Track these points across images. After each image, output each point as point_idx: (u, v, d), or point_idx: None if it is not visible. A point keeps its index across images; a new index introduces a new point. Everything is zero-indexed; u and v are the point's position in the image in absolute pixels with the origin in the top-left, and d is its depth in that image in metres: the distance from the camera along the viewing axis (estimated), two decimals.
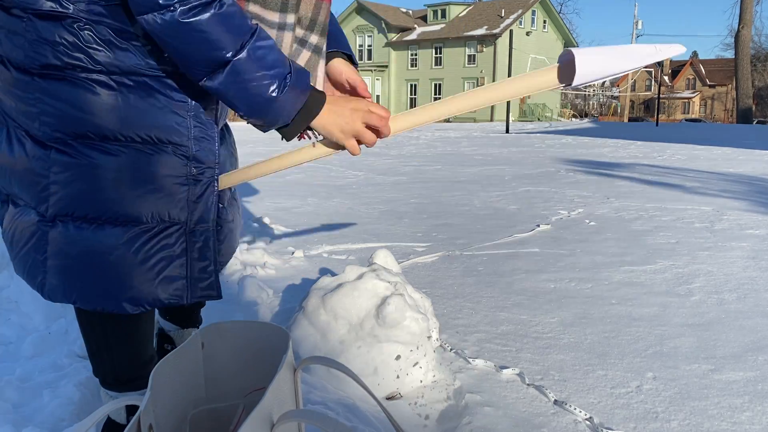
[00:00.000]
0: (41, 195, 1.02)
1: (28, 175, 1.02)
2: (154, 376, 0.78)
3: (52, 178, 1.01)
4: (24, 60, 0.97)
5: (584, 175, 6.58)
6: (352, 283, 1.62)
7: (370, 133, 1.08)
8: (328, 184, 5.69)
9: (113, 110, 0.99)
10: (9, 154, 1.03)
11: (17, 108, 1.01)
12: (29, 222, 1.05)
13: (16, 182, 1.04)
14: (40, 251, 1.04)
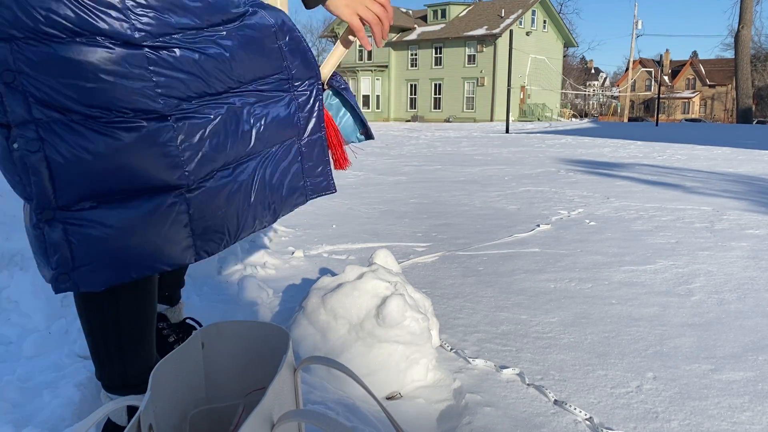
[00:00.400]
0: (176, 165, 1.03)
1: (155, 155, 1.01)
2: (154, 376, 0.78)
3: (184, 146, 1.04)
4: (132, 34, 0.98)
5: (584, 175, 6.58)
6: (352, 283, 1.62)
7: (371, 13, 1.21)
8: None
9: (227, 64, 1.07)
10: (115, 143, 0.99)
11: (122, 86, 0.98)
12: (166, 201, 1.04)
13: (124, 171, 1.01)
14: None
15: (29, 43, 0.95)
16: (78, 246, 1.00)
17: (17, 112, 0.95)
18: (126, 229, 1.02)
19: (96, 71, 0.97)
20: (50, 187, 0.97)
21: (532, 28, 36.73)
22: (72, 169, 0.97)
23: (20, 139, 0.96)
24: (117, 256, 1.02)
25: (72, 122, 0.97)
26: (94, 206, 1.00)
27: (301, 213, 4.09)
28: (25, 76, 0.94)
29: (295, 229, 3.53)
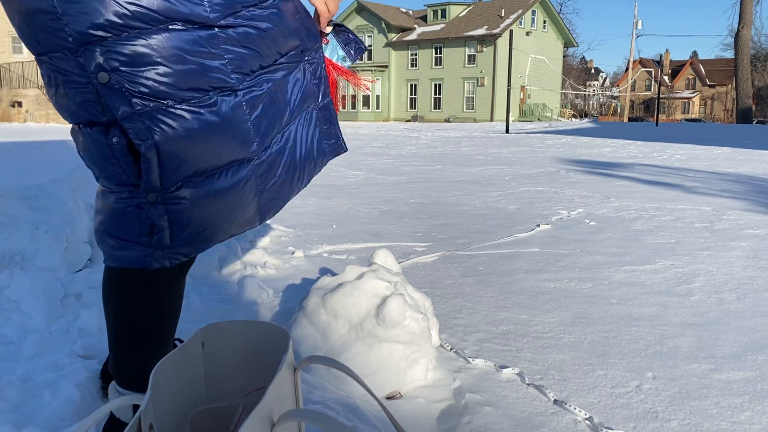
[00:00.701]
0: (249, 137, 1.11)
1: (235, 129, 1.09)
2: (154, 376, 0.78)
3: (253, 118, 1.11)
4: (205, 14, 1.04)
5: (584, 175, 6.58)
6: (352, 283, 1.62)
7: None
8: (328, 184, 5.69)
9: (274, 38, 1.14)
10: (216, 117, 1.07)
11: (206, 66, 1.04)
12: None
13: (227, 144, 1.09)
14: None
15: (119, 40, 0.98)
16: (176, 224, 1.07)
17: (120, 108, 1.00)
18: (214, 204, 1.10)
19: (182, 55, 1.02)
20: (157, 172, 1.04)
21: (532, 28, 36.72)
22: (177, 152, 1.04)
23: (131, 131, 1.01)
24: (205, 228, 1.10)
25: (169, 108, 1.03)
26: (189, 185, 1.07)
27: (301, 213, 4.09)
28: (119, 73, 0.99)
29: (295, 229, 3.53)
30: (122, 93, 0.99)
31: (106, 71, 0.98)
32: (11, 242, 2.22)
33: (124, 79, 0.99)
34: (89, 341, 1.62)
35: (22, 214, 2.35)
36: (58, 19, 0.96)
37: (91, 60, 0.98)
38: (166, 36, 1.01)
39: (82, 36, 0.97)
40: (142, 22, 0.99)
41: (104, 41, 0.97)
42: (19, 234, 2.25)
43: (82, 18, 0.96)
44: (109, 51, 0.98)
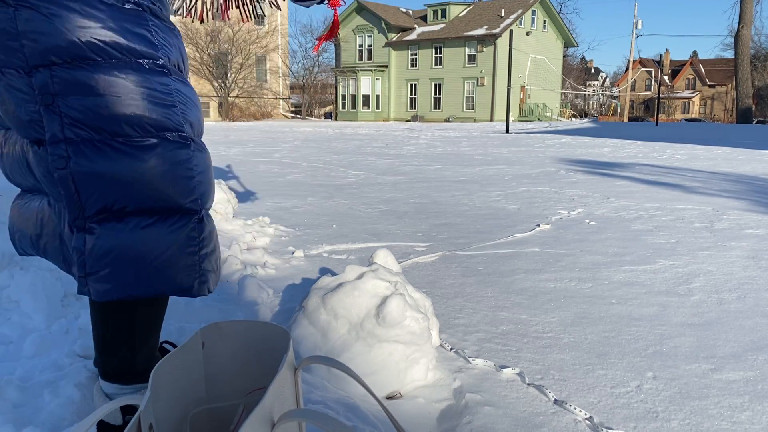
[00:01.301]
0: (193, 193, 1.11)
1: (178, 181, 1.09)
2: (154, 376, 0.78)
3: (197, 171, 1.12)
4: None
5: (584, 175, 6.58)
6: (352, 283, 1.62)
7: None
8: (328, 184, 5.69)
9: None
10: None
11: (155, 107, 1.07)
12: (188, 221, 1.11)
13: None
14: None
15: (68, 68, 1.01)
16: (89, 257, 1.05)
17: (50, 132, 1.02)
18: (137, 246, 1.05)
19: (130, 91, 1.03)
20: (77, 199, 1.04)
21: (532, 28, 36.72)
22: (95, 185, 1.03)
23: (50, 157, 1.03)
24: (121, 270, 1.05)
25: (99, 142, 1.03)
26: (113, 220, 1.05)
27: (301, 213, 4.09)
28: (61, 98, 1.01)
29: (295, 229, 3.53)
30: (60, 118, 1.01)
31: (50, 94, 1.01)
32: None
33: (65, 105, 1.01)
34: (89, 341, 1.62)
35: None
36: (16, 39, 0.99)
37: (40, 81, 1.01)
38: (115, 71, 1.03)
39: (35, 58, 1.00)
40: (95, 54, 1.02)
41: (54, 66, 1.00)
42: None
43: (39, 41, 0.99)
44: (56, 76, 1.00)
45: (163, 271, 1.07)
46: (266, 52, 35.35)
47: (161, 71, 1.07)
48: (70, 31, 1.00)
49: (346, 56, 39.92)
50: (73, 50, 1.00)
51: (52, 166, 1.03)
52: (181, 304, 1.94)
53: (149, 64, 1.06)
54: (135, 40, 1.05)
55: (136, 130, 1.04)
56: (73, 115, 1.01)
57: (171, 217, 1.07)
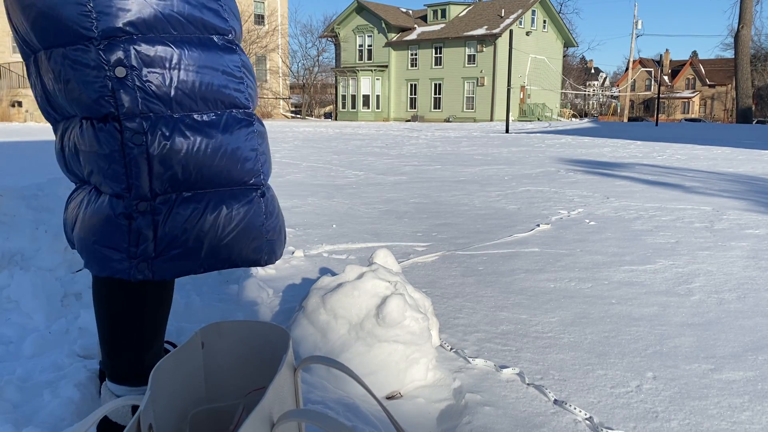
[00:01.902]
0: (258, 168, 1.12)
1: (244, 157, 1.10)
2: (154, 376, 0.78)
3: (261, 149, 1.14)
4: None
5: (584, 175, 6.58)
6: (352, 283, 1.62)
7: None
8: (328, 184, 5.69)
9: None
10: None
11: (226, 84, 1.08)
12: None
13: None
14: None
15: (143, 40, 0.99)
16: (161, 238, 1.03)
17: (125, 105, 0.99)
18: (206, 224, 1.05)
19: (204, 66, 1.03)
20: (147, 180, 1.02)
21: (532, 28, 36.71)
22: (168, 162, 1.02)
23: (127, 132, 1.00)
24: (192, 247, 1.05)
25: (172, 118, 1.02)
26: (182, 199, 1.04)
27: (301, 213, 4.09)
28: (137, 72, 0.99)
29: (295, 229, 3.53)
30: (133, 90, 0.99)
31: (124, 66, 0.98)
32: (11, 242, 2.22)
33: (138, 79, 0.99)
34: (89, 341, 1.62)
35: (22, 214, 2.35)
36: (88, 11, 0.97)
37: (112, 54, 0.98)
38: (191, 45, 1.02)
39: (109, 30, 0.97)
40: (172, 27, 1.01)
41: (130, 37, 0.98)
42: (19, 234, 2.25)
43: (114, 13, 0.97)
44: (133, 48, 0.98)
45: (234, 246, 1.08)
46: (266, 52, 35.36)
47: (231, 47, 1.07)
48: (150, 4, 0.99)
49: (346, 56, 39.91)
50: (153, 23, 0.99)
51: (129, 142, 1.00)
52: (181, 305, 1.94)
53: (221, 39, 1.06)
54: (209, 14, 1.04)
55: (209, 106, 1.04)
56: (148, 89, 0.99)
57: (239, 193, 1.08)
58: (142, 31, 0.99)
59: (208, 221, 1.05)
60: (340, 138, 14.80)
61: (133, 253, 1.04)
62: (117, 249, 1.05)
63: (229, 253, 1.08)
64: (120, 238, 1.04)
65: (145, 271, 1.05)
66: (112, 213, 1.04)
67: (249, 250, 1.10)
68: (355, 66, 38.86)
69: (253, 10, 35.25)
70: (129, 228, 1.04)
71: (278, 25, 36.67)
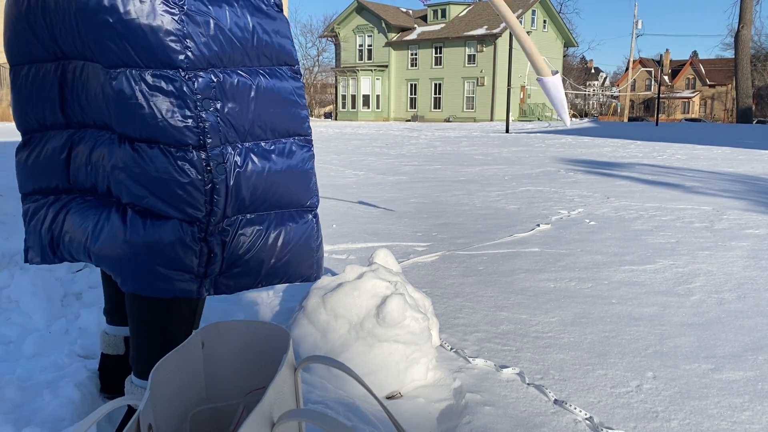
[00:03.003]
0: (313, 190, 1.19)
1: (304, 181, 1.17)
2: (153, 376, 0.78)
3: (315, 176, 1.21)
4: None
5: (584, 174, 6.59)
6: (352, 283, 1.62)
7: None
8: (328, 184, 5.69)
9: None
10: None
11: (294, 115, 1.14)
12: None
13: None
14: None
15: (227, 72, 1.03)
16: (228, 257, 1.09)
17: (213, 138, 1.03)
18: (270, 242, 1.12)
19: (279, 99, 1.09)
20: (223, 206, 1.06)
21: (532, 27, 36.71)
22: (242, 189, 1.07)
23: (213, 161, 1.03)
24: (254, 265, 1.11)
25: (247, 148, 1.07)
26: (246, 220, 1.10)
27: None
28: (220, 103, 1.03)
29: None
30: (217, 122, 1.02)
31: (210, 99, 1.01)
32: (11, 242, 2.22)
33: (221, 109, 1.02)
34: (89, 341, 1.62)
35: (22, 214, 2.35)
36: (180, 41, 0.99)
37: (200, 85, 1.00)
38: (267, 77, 1.07)
39: (201, 61, 1.00)
40: (249, 60, 1.05)
41: (214, 70, 1.02)
42: (19, 234, 2.25)
43: (204, 44, 1.00)
44: (216, 80, 1.02)
45: (291, 264, 1.15)
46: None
47: (296, 76, 1.13)
48: (234, 36, 1.02)
49: (346, 56, 39.91)
50: (234, 55, 1.03)
51: (215, 172, 1.03)
52: None
53: (289, 70, 1.11)
54: (281, 47, 1.09)
55: (276, 135, 1.10)
56: (229, 121, 1.03)
57: (298, 214, 1.16)
58: (225, 63, 1.02)
59: (270, 241, 1.11)
60: (340, 138, 14.81)
61: (202, 273, 1.08)
62: (186, 271, 1.07)
63: (285, 270, 1.15)
64: (190, 261, 1.06)
65: (211, 289, 1.10)
66: (181, 237, 1.05)
67: (304, 267, 1.17)
68: (355, 66, 38.86)
69: None
70: (201, 251, 1.06)
71: None
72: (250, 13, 1.05)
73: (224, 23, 1.01)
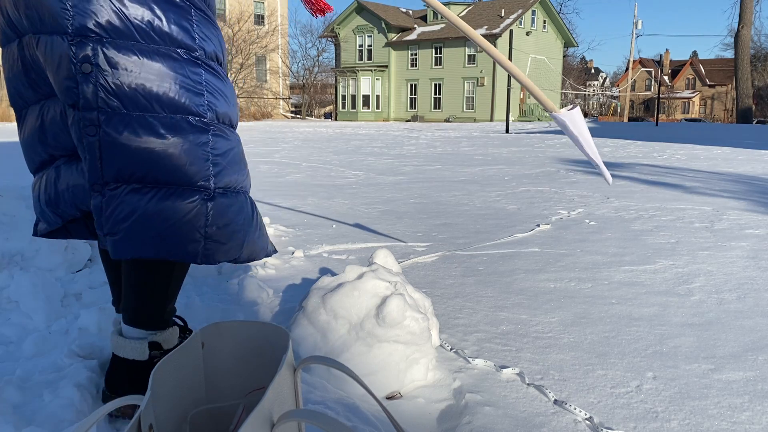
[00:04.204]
0: (206, 172, 1.21)
1: (194, 161, 1.19)
2: (154, 376, 0.78)
3: (212, 159, 1.22)
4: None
5: (584, 174, 6.58)
6: (352, 283, 1.62)
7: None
8: (328, 184, 5.69)
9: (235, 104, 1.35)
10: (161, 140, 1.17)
11: (184, 92, 1.17)
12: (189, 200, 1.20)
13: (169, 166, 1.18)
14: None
15: (111, 43, 1.11)
16: (109, 217, 1.17)
17: (84, 98, 1.12)
18: (150, 215, 1.16)
19: (164, 75, 1.14)
20: (99, 166, 1.15)
21: (532, 28, 36.71)
22: (118, 154, 1.14)
23: (83, 122, 1.13)
24: (136, 234, 1.17)
25: (126, 116, 1.13)
26: (130, 189, 1.16)
27: (301, 213, 4.09)
28: (99, 70, 1.11)
29: (295, 229, 3.53)
30: (94, 87, 1.11)
31: (90, 63, 1.10)
32: (11, 242, 2.22)
33: (100, 76, 1.11)
34: (89, 341, 1.62)
35: (22, 214, 2.35)
36: (67, 8, 1.09)
37: (82, 51, 1.10)
38: (154, 55, 1.14)
39: (81, 28, 1.09)
40: (139, 36, 1.13)
41: (99, 39, 1.10)
42: (19, 234, 2.25)
43: (88, 14, 1.09)
44: (99, 48, 1.10)
45: (171, 239, 1.18)
46: (266, 53, 35.35)
47: (195, 62, 1.19)
48: (123, 13, 1.10)
49: (346, 56, 39.90)
50: (122, 29, 1.11)
51: (83, 132, 1.13)
52: (182, 305, 1.94)
53: (186, 54, 1.18)
54: (177, 31, 1.16)
55: (163, 109, 1.14)
56: (108, 87, 1.11)
57: (184, 192, 1.18)
58: (111, 35, 1.10)
59: (150, 213, 1.16)
60: (340, 138, 14.80)
61: (90, 225, 1.26)
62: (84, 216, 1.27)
63: (165, 245, 1.18)
64: (85, 207, 1.25)
65: (106, 244, 1.19)
66: (84, 183, 1.22)
67: (185, 247, 1.20)
68: (355, 66, 38.85)
69: (253, 10, 35.22)
70: (88, 203, 1.21)
71: (278, 25, 36.65)
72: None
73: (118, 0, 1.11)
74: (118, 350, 1.32)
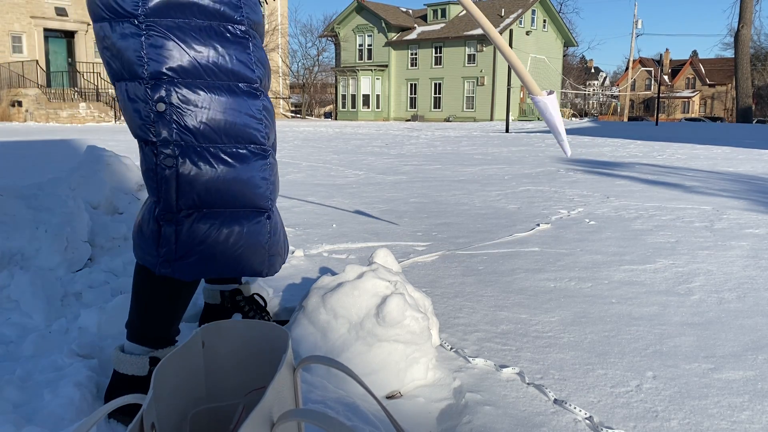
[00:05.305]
0: (267, 195, 1.32)
1: (257, 185, 1.31)
2: (155, 375, 0.78)
3: (271, 182, 1.34)
4: None
5: (584, 174, 6.59)
6: (352, 283, 1.62)
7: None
8: (328, 184, 5.69)
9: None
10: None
11: (247, 124, 1.29)
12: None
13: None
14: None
15: (182, 83, 1.22)
16: (181, 245, 1.25)
17: (162, 134, 1.23)
18: (223, 237, 1.27)
19: (229, 109, 1.25)
20: (174, 196, 1.24)
21: (532, 27, 36.71)
22: (193, 184, 1.24)
23: (161, 155, 1.23)
24: (210, 256, 1.27)
25: (200, 148, 1.23)
26: (202, 215, 1.25)
27: (301, 213, 4.09)
28: (174, 108, 1.22)
29: (295, 228, 3.53)
30: (169, 123, 1.22)
31: (164, 102, 1.21)
32: (11, 242, 2.21)
33: (174, 113, 1.22)
34: (89, 341, 1.62)
35: (22, 213, 2.35)
36: (141, 56, 1.22)
37: (156, 92, 1.21)
38: (220, 90, 1.24)
39: (155, 73, 1.21)
40: (206, 74, 1.23)
41: (171, 80, 1.22)
42: (19, 234, 2.25)
43: (160, 60, 1.21)
44: (172, 89, 1.22)
45: (241, 258, 1.29)
46: (266, 52, 35.30)
47: (254, 93, 1.29)
48: (190, 54, 1.22)
49: (346, 56, 39.90)
50: (190, 70, 1.22)
51: (162, 164, 1.23)
52: None
53: (246, 86, 1.28)
54: (239, 66, 1.27)
55: (230, 140, 1.25)
56: (182, 123, 1.22)
57: (250, 214, 1.29)
58: (181, 75, 1.21)
59: (222, 236, 1.26)
60: (340, 138, 14.81)
61: (154, 252, 1.28)
62: (147, 244, 1.29)
63: (237, 264, 1.29)
64: (149, 236, 1.28)
65: (168, 270, 1.27)
66: (148, 215, 1.28)
67: (255, 262, 1.31)
68: (355, 66, 38.84)
69: None
70: (154, 231, 1.27)
71: (278, 24, 36.65)
72: (209, 37, 1.24)
73: (185, 44, 1.22)
74: (119, 366, 1.36)
